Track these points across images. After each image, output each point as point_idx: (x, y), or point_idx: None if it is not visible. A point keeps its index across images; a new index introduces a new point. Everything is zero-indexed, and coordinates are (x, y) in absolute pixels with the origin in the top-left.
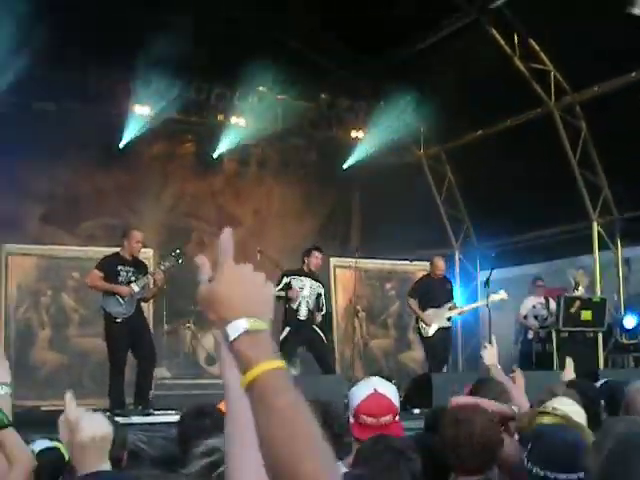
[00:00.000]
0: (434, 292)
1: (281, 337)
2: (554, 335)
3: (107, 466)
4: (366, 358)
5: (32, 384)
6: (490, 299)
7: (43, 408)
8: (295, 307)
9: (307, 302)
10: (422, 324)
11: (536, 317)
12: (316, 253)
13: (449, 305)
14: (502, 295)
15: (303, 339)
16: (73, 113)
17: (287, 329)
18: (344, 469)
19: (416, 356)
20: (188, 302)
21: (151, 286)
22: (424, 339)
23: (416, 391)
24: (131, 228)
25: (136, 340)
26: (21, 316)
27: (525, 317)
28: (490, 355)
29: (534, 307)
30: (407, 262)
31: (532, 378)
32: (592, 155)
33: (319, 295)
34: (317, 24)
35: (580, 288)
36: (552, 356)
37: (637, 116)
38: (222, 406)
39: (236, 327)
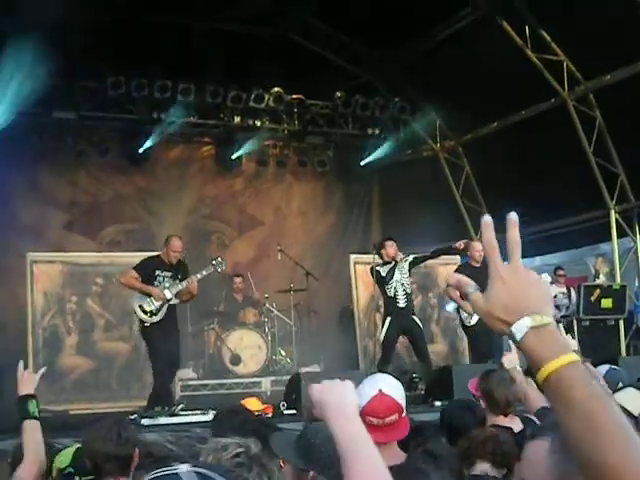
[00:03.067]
0: (475, 280)
1: (384, 329)
2: (575, 324)
3: None
4: None
5: (60, 389)
6: None
7: (72, 412)
8: (392, 295)
9: (402, 285)
10: (463, 313)
11: (558, 307)
12: (389, 243)
13: None
14: (545, 279)
15: (403, 328)
16: (92, 121)
17: (388, 319)
18: None
19: (439, 349)
20: (211, 304)
21: (185, 292)
22: (466, 329)
23: (437, 384)
24: (172, 236)
25: (165, 342)
26: (47, 323)
27: None
28: (509, 360)
29: (555, 297)
30: None
31: None
32: (607, 143)
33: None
34: (331, 23)
35: (601, 276)
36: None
37: None
38: (245, 402)
39: (520, 327)
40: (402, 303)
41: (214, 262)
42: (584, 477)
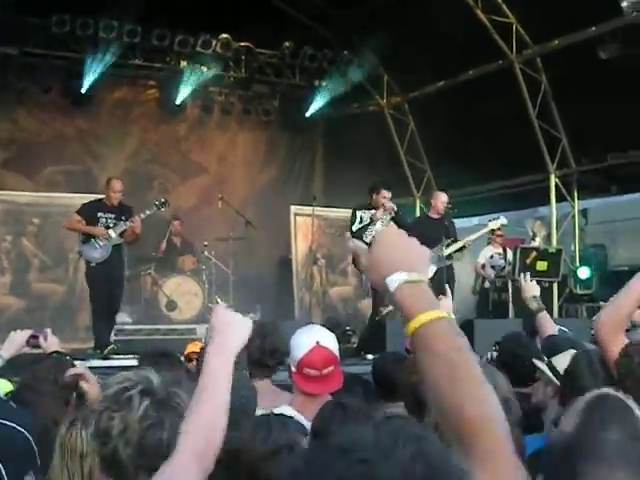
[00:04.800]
0: (433, 233)
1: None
2: (510, 284)
3: None
4: (325, 305)
5: None
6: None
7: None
8: (369, 242)
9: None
10: None
11: (493, 267)
12: (384, 192)
13: (446, 242)
14: (502, 220)
15: None
16: (35, 58)
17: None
18: (289, 408)
19: None
20: (149, 248)
21: (130, 232)
22: None
23: (371, 337)
24: (112, 178)
25: (110, 283)
26: None
27: (483, 266)
28: (444, 305)
29: (492, 257)
30: None
31: (488, 326)
32: (551, 108)
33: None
34: None
35: (537, 239)
36: (507, 305)
37: (596, 70)
38: (189, 350)
39: (395, 279)
40: None
41: (157, 202)
42: (442, 427)
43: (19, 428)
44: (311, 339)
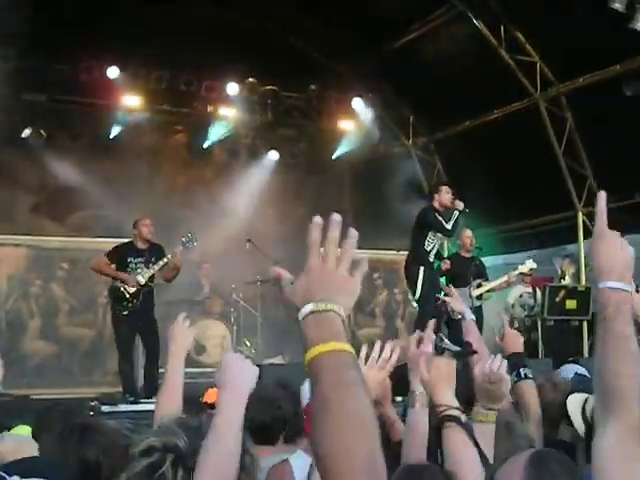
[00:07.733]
0: (464, 271)
1: (419, 277)
2: (539, 324)
3: None
4: (353, 347)
5: (22, 373)
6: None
7: (33, 397)
8: (428, 249)
9: (438, 248)
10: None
11: (523, 306)
12: (445, 187)
13: (477, 283)
14: (531, 264)
15: (434, 284)
16: (64, 104)
17: (422, 269)
18: (301, 452)
19: (402, 345)
20: (178, 291)
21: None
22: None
23: (399, 379)
24: (141, 218)
25: (143, 330)
26: (11, 306)
27: (512, 306)
28: (456, 302)
29: (521, 296)
30: (394, 252)
31: None
32: (577, 145)
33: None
34: (307, 18)
35: (566, 277)
36: (537, 344)
37: (621, 107)
38: (207, 397)
39: (304, 311)
40: (432, 257)
41: (184, 238)
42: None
43: None
44: None
